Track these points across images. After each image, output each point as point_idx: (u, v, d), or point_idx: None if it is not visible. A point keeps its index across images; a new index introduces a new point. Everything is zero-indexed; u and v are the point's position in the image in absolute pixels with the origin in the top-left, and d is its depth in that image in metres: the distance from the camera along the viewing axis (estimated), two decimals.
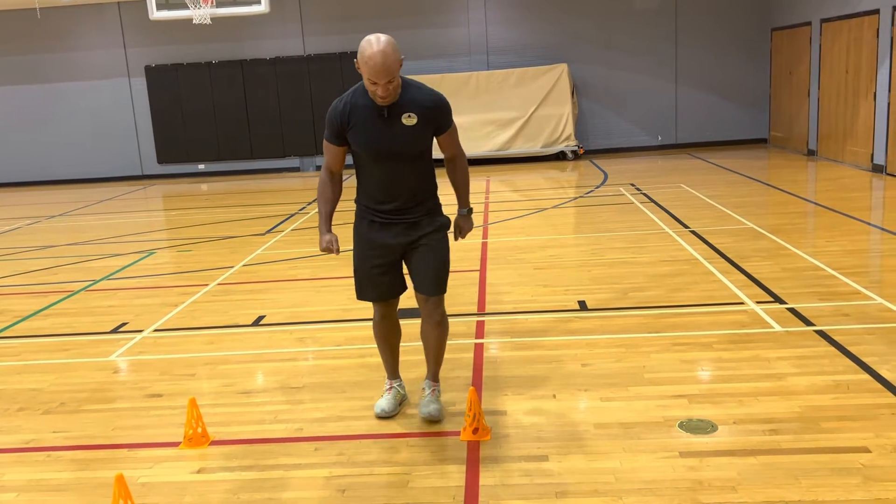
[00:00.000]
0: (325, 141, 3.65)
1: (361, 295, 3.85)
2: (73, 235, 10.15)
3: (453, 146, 3.70)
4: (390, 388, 4.03)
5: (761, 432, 3.56)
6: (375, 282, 3.75)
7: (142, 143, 16.32)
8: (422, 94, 3.52)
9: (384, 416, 3.93)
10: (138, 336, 5.57)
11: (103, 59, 15.98)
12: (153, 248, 8.90)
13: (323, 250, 3.67)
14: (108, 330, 5.78)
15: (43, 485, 3.50)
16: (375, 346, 3.94)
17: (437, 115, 3.54)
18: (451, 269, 3.83)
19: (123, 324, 5.89)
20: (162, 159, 16.32)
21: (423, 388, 3.97)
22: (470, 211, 3.81)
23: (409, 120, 3.46)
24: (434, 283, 3.71)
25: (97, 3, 15.63)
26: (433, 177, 3.72)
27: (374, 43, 3.28)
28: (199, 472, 3.53)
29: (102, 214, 11.99)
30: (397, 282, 3.81)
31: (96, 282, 7.33)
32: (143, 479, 3.47)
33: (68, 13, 15.74)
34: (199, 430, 3.79)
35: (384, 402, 3.97)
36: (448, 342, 4.76)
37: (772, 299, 5.49)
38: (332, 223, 3.76)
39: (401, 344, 4.06)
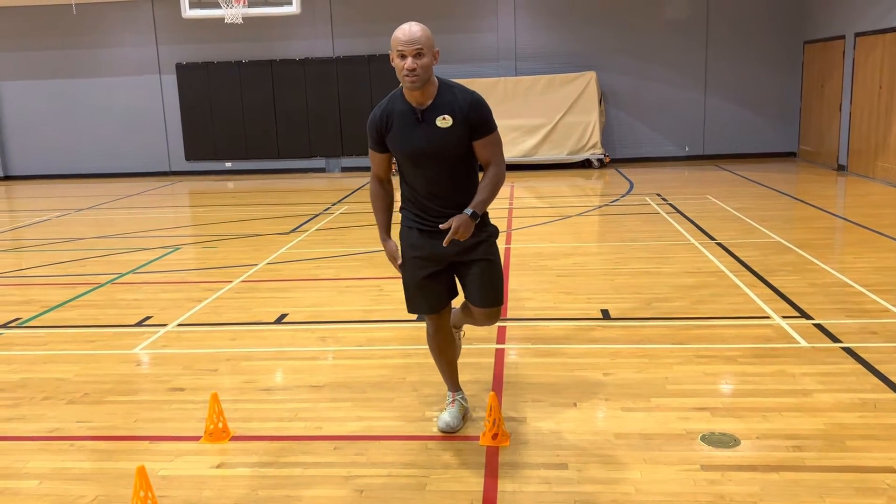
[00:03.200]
0: (370, 150, 3.59)
1: (414, 308, 3.70)
2: (100, 229, 10.28)
3: (490, 156, 3.49)
4: (453, 401, 3.86)
5: (785, 448, 3.51)
6: (427, 293, 3.61)
7: (170, 139, 16.50)
8: (457, 95, 3.41)
9: (449, 431, 3.77)
10: (162, 330, 5.62)
11: (135, 55, 16.18)
12: (179, 244, 8.98)
13: (389, 258, 3.64)
14: (133, 323, 5.84)
15: (65, 474, 3.53)
16: (396, 347, 3.93)
17: (472, 117, 3.39)
18: None
19: (148, 317, 5.95)
20: (190, 156, 16.48)
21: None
22: (475, 215, 3.33)
23: (444, 122, 3.36)
24: (495, 296, 3.62)
25: (131, 0, 15.85)
26: (477, 182, 3.54)
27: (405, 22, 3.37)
28: (218, 466, 3.55)
29: (130, 209, 12.13)
30: (450, 289, 3.69)
31: (122, 275, 7.41)
32: (163, 472, 3.50)
33: (102, 9, 15.96)
34: (220, 425, 3.81)
35: (448, 416, 3.81)
36: (468, 346, 4.78)
37: (798, 314, 5.42)
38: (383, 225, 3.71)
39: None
